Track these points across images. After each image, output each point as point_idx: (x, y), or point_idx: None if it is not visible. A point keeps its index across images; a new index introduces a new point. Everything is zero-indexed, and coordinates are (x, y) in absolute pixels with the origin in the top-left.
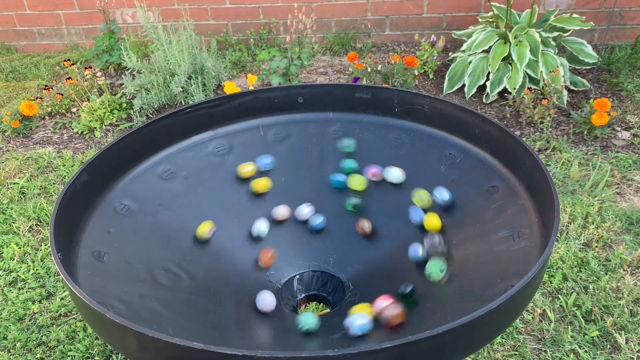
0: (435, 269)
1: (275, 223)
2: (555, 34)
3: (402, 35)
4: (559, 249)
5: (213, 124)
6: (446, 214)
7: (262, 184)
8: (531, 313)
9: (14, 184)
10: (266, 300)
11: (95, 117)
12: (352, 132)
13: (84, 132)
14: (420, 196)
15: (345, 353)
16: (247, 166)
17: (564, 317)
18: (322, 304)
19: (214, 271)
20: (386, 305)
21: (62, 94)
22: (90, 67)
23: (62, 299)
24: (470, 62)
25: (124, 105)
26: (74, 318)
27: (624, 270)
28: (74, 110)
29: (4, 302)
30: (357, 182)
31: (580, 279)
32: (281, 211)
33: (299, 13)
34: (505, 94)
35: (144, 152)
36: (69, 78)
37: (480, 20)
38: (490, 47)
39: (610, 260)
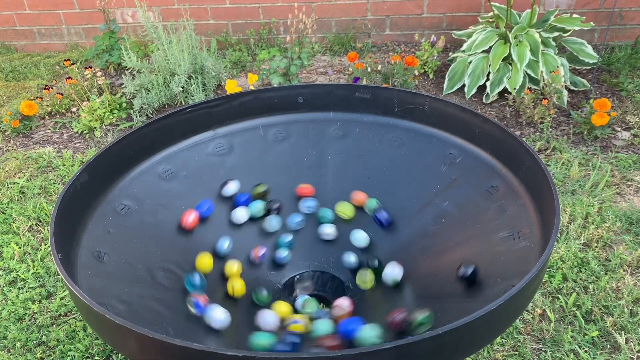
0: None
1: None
2: (556, 34)
3: (402, 35)
4: (559, 249)
5: (213, 123)
6: (446, 213)
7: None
8: (531, 313)
9: (14, 183)
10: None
11: (95, 117)
12: (352, 132)
13: (84, 132)
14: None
15: (345, 353)
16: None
17: (564, 317)
18: (322, 304)
19: (215, 270)
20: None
21: (62, 94)
22: (90, 67)
23: (62, 298)
24: (470, 62)
25: (124, 105)
26: (74, 318)
27: (624, 271)
28: (74, 110)
29: (3, 301)
30: (344, 210)
31: (580, 279)
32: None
33: (299, 13)
34: (505, 94)
35: (144, 152)
36: (69, 78)
37: (480, 20)
38: (490, 47)
39: (610, 261)
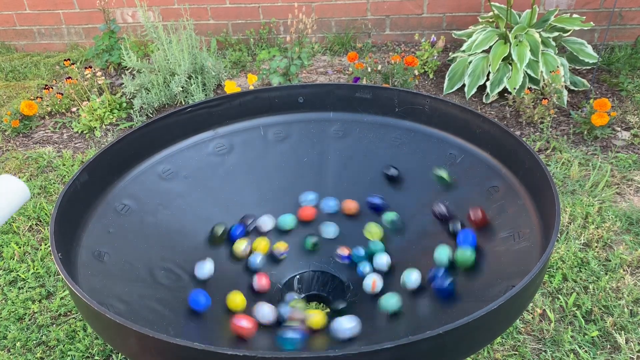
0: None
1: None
2: (556, 34)
3: (402, 35)
4: (559, 249)
5: (213, 123)
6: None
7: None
8: (531, 313)
9: None
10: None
11: (95, 117)
12: (353, 132)
13: (84, 132)
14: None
15: (345, 353)
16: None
17: (564, 317)
18: (322, 304)
19: (215, 270)
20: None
21: (62, 94)
22: (90, 67)
23: (62, 298)
24: (470, 62)
25: (124, 104)
26: (74, 318)
27: (624, 271)
28: (74, 109)
29: (3, 301)
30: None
31: (580, 279)
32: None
33: (299, 13)
34: (505, 94)
35: (144, 152)
36: (69, 77)
37: (480, 20)
38: (490, 47)
39: (610, 260)
